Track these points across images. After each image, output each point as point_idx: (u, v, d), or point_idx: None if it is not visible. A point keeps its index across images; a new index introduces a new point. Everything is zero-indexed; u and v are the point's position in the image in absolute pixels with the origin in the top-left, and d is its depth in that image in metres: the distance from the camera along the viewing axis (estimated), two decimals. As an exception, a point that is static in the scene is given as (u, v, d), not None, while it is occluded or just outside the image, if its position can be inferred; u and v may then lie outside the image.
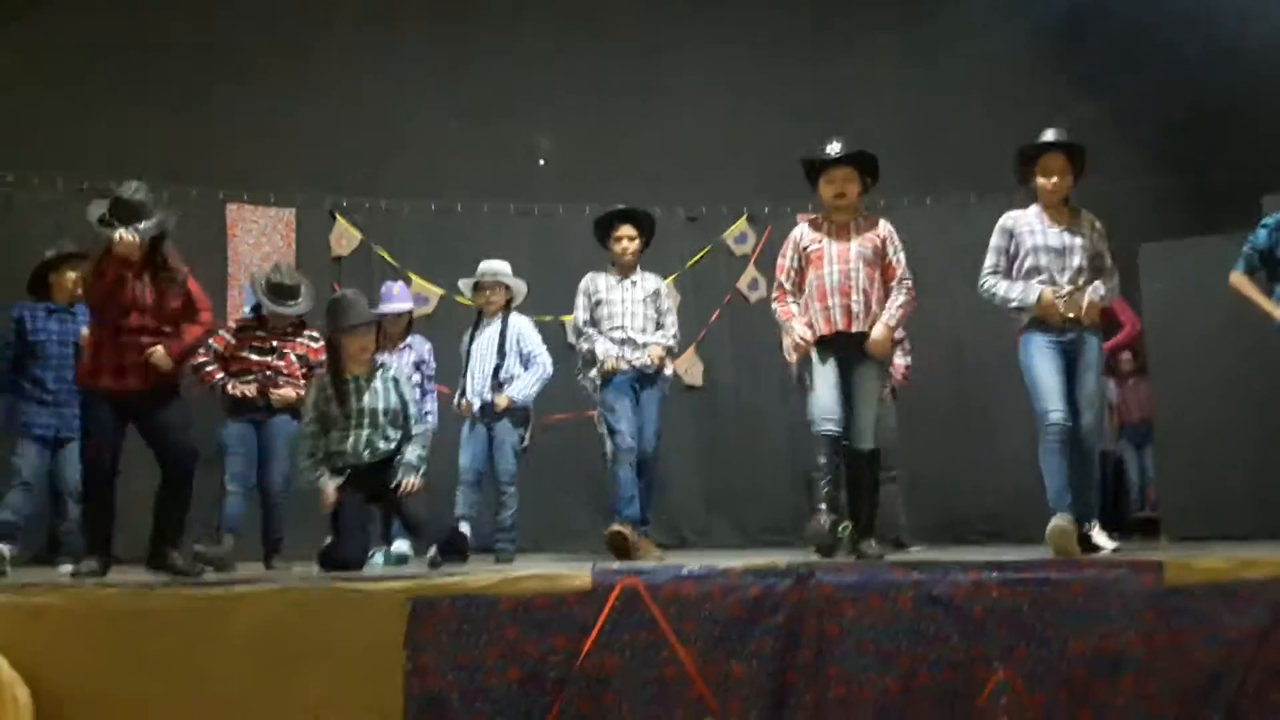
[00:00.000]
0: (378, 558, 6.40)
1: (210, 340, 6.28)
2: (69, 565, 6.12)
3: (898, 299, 5.25)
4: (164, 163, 8.18)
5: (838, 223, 5.33)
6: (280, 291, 6.50)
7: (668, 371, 6.52)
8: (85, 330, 6.32)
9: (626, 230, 6.47)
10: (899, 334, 7.00)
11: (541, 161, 9.26)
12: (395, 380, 5.58)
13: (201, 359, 6.31)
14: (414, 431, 5.56)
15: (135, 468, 5.40)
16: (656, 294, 6.50)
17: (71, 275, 6.54)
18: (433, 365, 7.15)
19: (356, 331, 5.54)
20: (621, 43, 9.30)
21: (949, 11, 8.75)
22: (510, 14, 9.20)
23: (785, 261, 5.40)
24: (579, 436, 7.95)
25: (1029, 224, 5.33)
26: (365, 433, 5.45)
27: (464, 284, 7.09)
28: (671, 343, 6.48)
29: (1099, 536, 5.18)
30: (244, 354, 6.47)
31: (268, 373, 6.46)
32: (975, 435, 8.85)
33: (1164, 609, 4.24)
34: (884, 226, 5.35)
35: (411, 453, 5.47)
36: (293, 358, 6.54)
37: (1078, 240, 5.27)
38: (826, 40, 9.42)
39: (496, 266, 6.92)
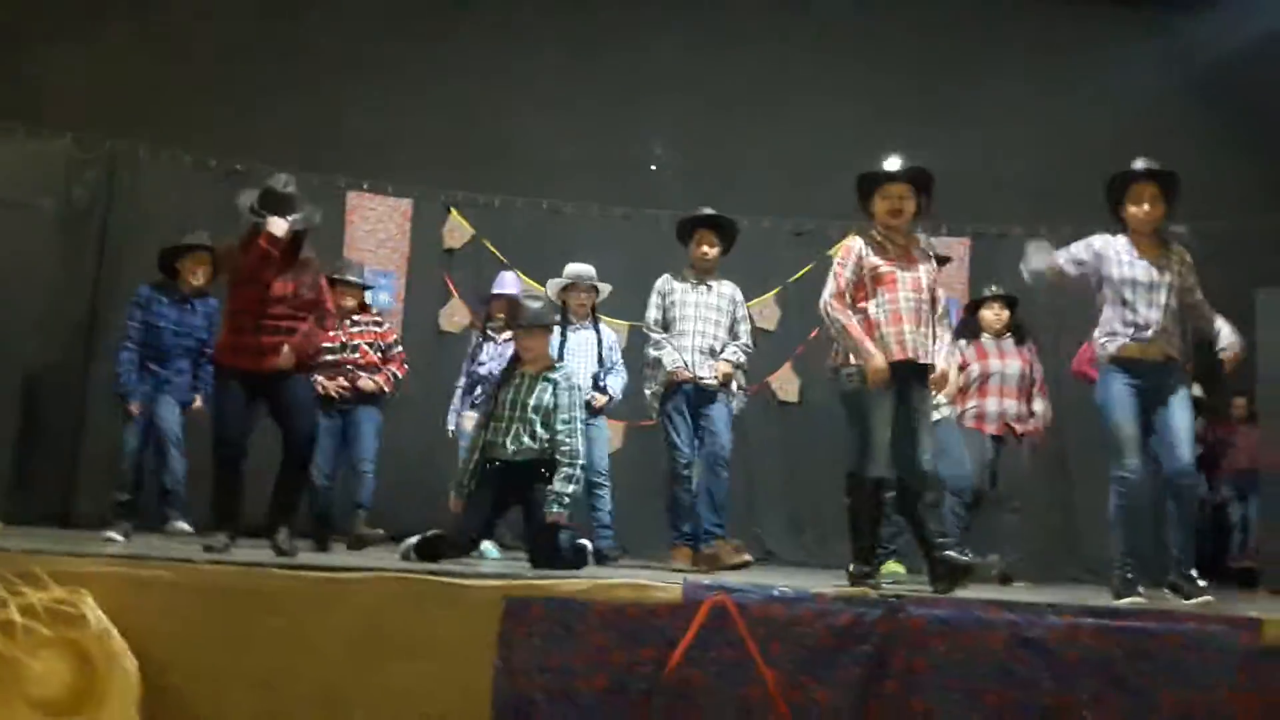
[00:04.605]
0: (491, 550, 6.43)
1: None
2: (180, 523, 6.39)
3: (946, 336, 5.09)
4: (289, 148, 8.41)
5: (898, 244, 5.04)
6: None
7: (734, 386, 6.53)
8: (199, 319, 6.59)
9: (708, 236, 6.50)
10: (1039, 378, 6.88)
11: (653, 167, 9.33)
12: (555, 383, 5.58)
13: None
14: (563, 451, 5.50)
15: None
16: (733, 301, 6.52)
17: (196, 267, 6.69)
18: None
19: (520, 332, 5.71)
20: (743, 56, 9.32)
21: (1075, 43, 8.60)
22: (634, 24, 9.27)
23: (846, 272, 4.97)
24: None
25: (1118, 254, 5.14)
26: (515, 426, 5.53)
27: (553, 284, 7.07)
28: (742, 358, 6.49)
29: (1193, 586, 4.96)
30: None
31: (349, 368, 6.54)
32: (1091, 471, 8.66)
33: (1258, 670, 4.14)
34: (933, 262, 5.16)
35: (560, 483, 5.44)
36: (365, 346, 6.63)
37: (1165, 276, 5.08)
38: (951, 65, 9.33)
39: (588, 270, 6.97)
